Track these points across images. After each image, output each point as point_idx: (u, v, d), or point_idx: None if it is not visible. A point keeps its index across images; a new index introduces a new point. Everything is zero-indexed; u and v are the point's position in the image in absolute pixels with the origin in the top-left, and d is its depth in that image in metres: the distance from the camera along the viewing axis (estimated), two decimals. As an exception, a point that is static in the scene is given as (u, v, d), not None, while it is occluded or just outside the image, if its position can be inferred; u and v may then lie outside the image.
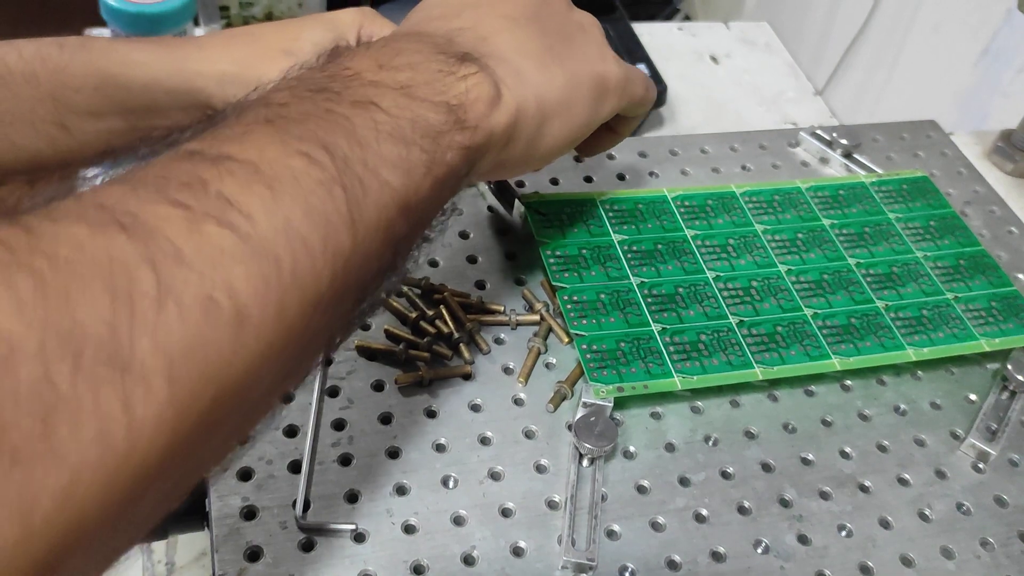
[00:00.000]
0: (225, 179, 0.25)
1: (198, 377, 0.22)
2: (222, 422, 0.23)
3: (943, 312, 0.49)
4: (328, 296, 0.26)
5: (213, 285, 0.22)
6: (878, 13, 1.08)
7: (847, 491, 0.43)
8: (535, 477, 0.41)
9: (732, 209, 0.52)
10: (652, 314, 0.46)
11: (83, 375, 0.19)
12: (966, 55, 0.94)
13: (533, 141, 0.37)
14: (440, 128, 0.32)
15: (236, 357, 0.23)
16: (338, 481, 0.40)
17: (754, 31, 1.02)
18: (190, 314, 0.22)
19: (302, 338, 0.25)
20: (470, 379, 0.45)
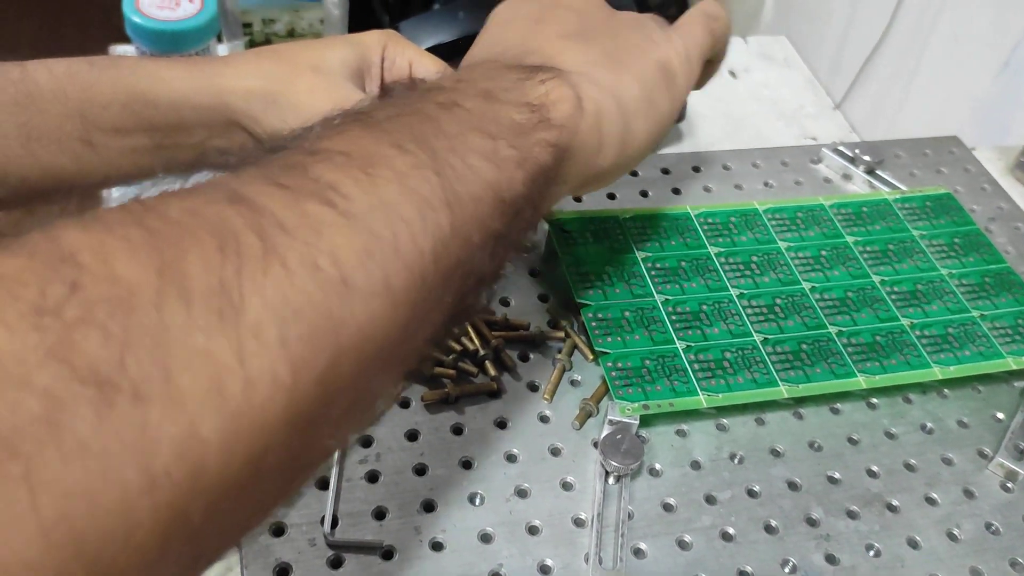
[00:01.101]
0: (321, 165, 0.25)
1: (309, 338, 0.22)
2: (338, 394, 0.23)
3: (969, 330, 0.49)
4: (432, 277, 0.26)
5: (317, 252, 0.23)
6: (896, 26, 1.08)
7: (875, 510, 0.43)
8: (561, 494, 0.41)
9: (755, 226, 0.52)
10: (676, 331, 0.46)
11: (196, 323, 0.19)
12: (986, 68, 0.93)
13: (624, 143, 0.37)
14: (525, 125, 0.32)
15: (346, 324, 0.23)
16: (366, 498, 0.40)
17: (772, 45, 1.02)
18: (297, 277, 0.22)
19: (409, 318, 0.25)
20: (496, 396, 0.45)
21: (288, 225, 0.22)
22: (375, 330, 0.24)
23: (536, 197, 0.32)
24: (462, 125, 0.30)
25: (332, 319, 0.22)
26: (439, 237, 0.26)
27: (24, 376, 0.17)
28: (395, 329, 0.25)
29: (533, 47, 0.38)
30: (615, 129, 0.37)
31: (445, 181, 0.27)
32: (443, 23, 0.79)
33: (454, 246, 0.27)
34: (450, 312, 0.29)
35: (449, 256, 0.27)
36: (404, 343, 0.26)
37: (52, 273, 0.18)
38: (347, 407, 0.24)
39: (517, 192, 0.30)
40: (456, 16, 0.80)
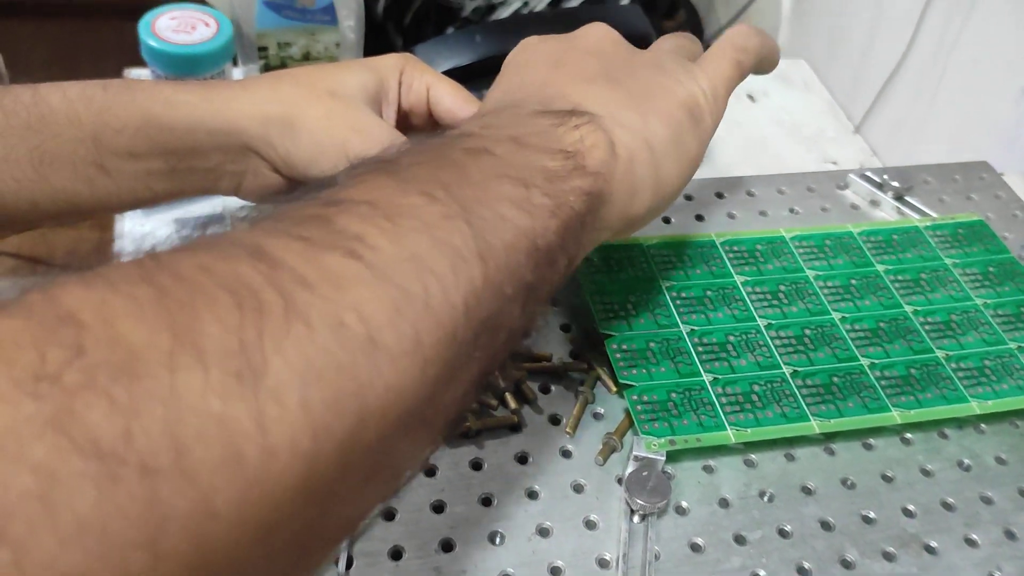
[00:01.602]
0: (344, 215, 0.24)
1: (333, 402, 0.20)
2: (360, 461, 0.22)
3: (1007, 363, 0.47)
4: (463, 332, 0.25)
5: (342, 308, 0.21)
6: (915, 48, 1.07)
7: (912, 552, 0.41)
8: (585, 534, 0.40)
9: (782, 254, 0.51)
10: (703, 363, 0.44)
11: (213, 388, 0.18)
12: (1007, 91, 0.92)
13: (657, 187, 0.36)
14: (559, 172, 0.31)
15: (372, 386, 0.21)
16: (383, 537, 0.38)
17: (792, 69, 1.01)
18: (320, 335, 0.20)
19: (438, 378, 0.24)
20: (517, 430, 0.43)
21: (310, 280, 0.21)
22: (403, 391, 0.22)
23: (571, 246, 0.31)
24: (492, 172, 0.28)
25: (358, 381, 0.21)
26: (471, 290, 0.25)
27: (17, 450, 0.15)
28: (424, 390, 0.23)
29: (555, 92, 0.36)
30: (648, 173, 0.36)
31: (477, 231, 0.26)
32: (458, 47, 0.78)
33: (486, 299, 0.26)
34: (481, 371, 0.27)
35: (481, 310, 0.25)
36: (432, 404, 0.24)
37: (51, 335, 0.17)
38: (368, 474, 0.22)
39: (551, 241, 0.29)
40: (472, 40, 0.79)
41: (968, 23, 1.01)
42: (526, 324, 0.29)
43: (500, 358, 0.29)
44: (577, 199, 0.31)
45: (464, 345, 0.25)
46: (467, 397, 0.27)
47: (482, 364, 0.27)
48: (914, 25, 1.07)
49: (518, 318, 0.28)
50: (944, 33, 1.04)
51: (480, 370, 0.27)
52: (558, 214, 0.30)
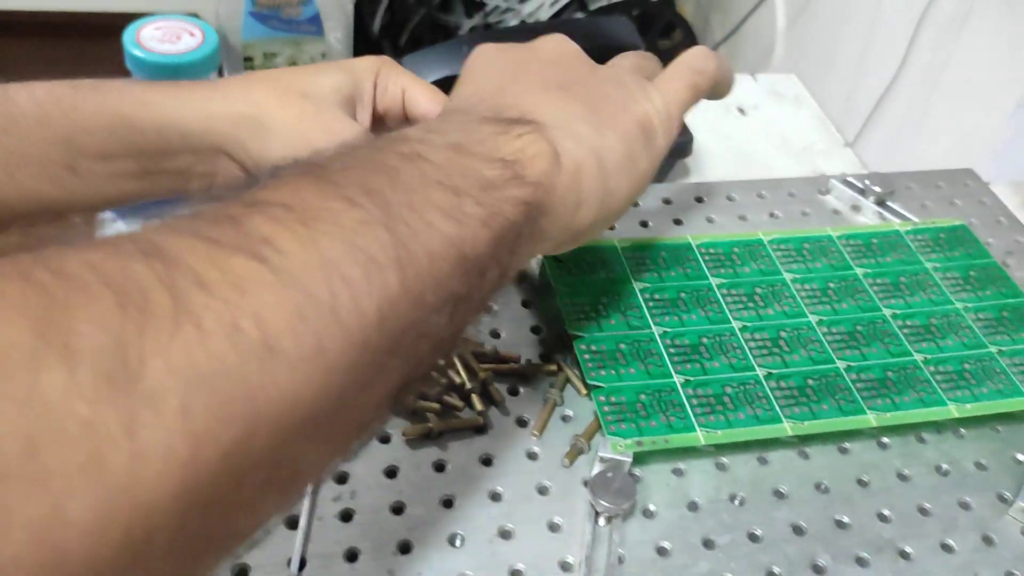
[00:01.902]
0: (257, 217, 0.23)
1: (219, 408, 0.19)
2: (253, 469, 0.21)
3: (987, 366, 0.46)
4: (376, 341, 0.24)
5: (239, 312, 0.20)
6: (908, 66, 1.06)
7: (886, 557, 0.40)
8: (548, 536, 0.39)
9: (759, 257, 0.50)
10: (674, 365, 0.43)
11: (78, 389, 0.17)
12: (998, 107, 0.91)
13: (604, 201, 0.36)
14: (495, 181, 0.30)
15: (266, 392, 0.21)
16: (338, 538, 0.37)
17: (783, 83, 1.01)
18: (211, 339, 0.20)
19: (346, 385, 0.23)
20: (482, 432, 0.42)
21: (208, 281, 0.20)
22: (302, 399, 0.21)
23: (504, 256, 0.30)
24: (424, 178, 0.28)
25: (248, 386, 0.20)
26: (386, 297, 0.24)
27: None
28: (328, 397, 0.23)
29: (509, 101, 0.36)
30: (595, 186, 0.35)
31: (397, 238, 0.25)
32: (447, 57, 0.78)
33: (404, 307, 0.25)
34: (402, 379, 0.26)
35: (398, 318, 0.25)
36: (341, 412, 0.24)
37: None
38: (264, 483, 0.22)
39: (481, 252, 0.28)
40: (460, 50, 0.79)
41: (959, 41, 1.01)
42: (454, 333, 0.29)
43: (426, 367, 0.28)
44: (513, 209, 0.30)
45: (379, 353, 0.24)
46: (385, 405, 0.27)
47: (403, 373, 0.26)
48: (907, 42, 1.07)
49: (444, 327, 0.27)
50: (936, 51, 1.03)
51: (401, 378, 0.26)
52: (491, 224, 0.29)
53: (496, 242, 0.29)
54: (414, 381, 0.28)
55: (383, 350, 0.24)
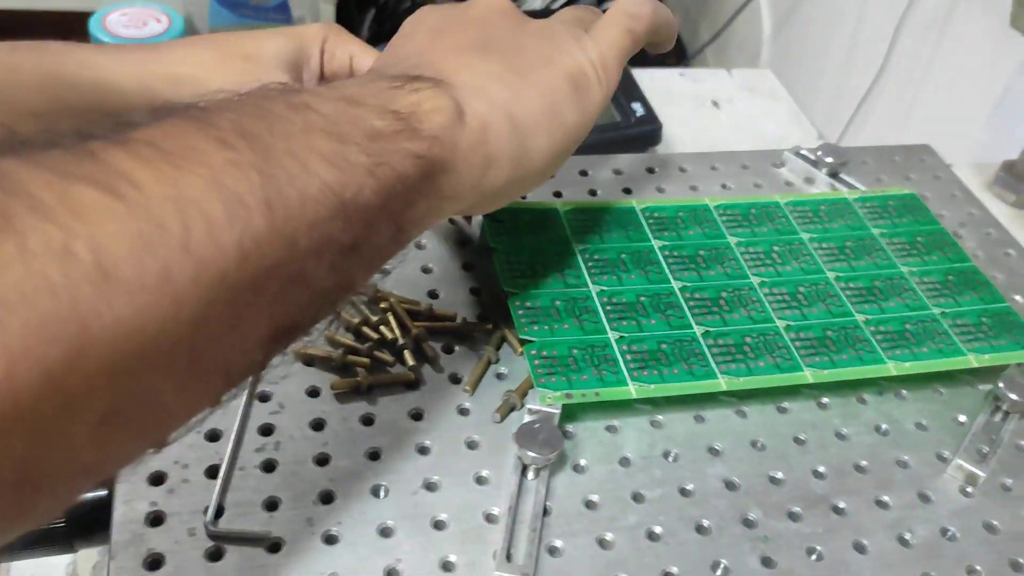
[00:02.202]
0: (119, 153, 0.22)
1: (40, 326, 0.19)
2: (88, 395, 0.20)
3: (928, 327, 0.46)
4: (236, 277, 0.23)
5: (73, 236, 0.20)
6: (889, 67, 1.07)
7: (819, 512, 0.39)
8: (474, 489, 0.38)
9: (704, 222, 0.50)
10: (610, 322, 0.43)
11: None
12: (980, 108, 0.91)
13: (519, 160, 0.35)
14: (384, 132, 0.29)
15: (100, 317, 0.20)
16: (258, 488, 0.37)
17: (757, 78, 1.00)
18: (36, 260, 0.19)
19: (201, 318, 0.23)
20: (414, 387, 0.42)
21: (44, 207, 0.20)
22: (144, 326, 0.21)
23: (397, 209, 0.30)
24: (308, 126, 0.27)
25: (77, 308, 0.20)
26: (250, 235, 0.24)
27: None
28: (179, 328, 0.22)
29: (427, 60, 0.36)
30: (507, 146, 0.34)
31: (268, 179, 0.25)
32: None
33: (272, 247, 0.24)
34: (274, 325, 0.26)
35: (264, 257, 0.24)
36: (200, 350, 0.23)
37: None
38: (108, 415, 0.21)
39: (367, 201, 0.28)
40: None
41: (940, 44, 1.01)
42: (337, 284, 0.28)
43: (306, 317, 0.27)
44: (404, 161, 0.29)
45: (240, 291, 0.24)
46: (261, 351, 0.26)
47: (275, 318, 0.26)
48: (887, 45, 1.07)
49: (325, 277, 0.27)
50: (917, 53, 1.04)
51: (276, 325, 0.26)
52: (377, 174, 0.28)
53: (385, 194, 0.28)
54: (293, 331, 0.27)
55: (245, 288, 0.24)
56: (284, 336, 0.27)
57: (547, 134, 0.36)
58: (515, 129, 0.35)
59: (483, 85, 0.35)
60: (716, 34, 1.45)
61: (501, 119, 0.34)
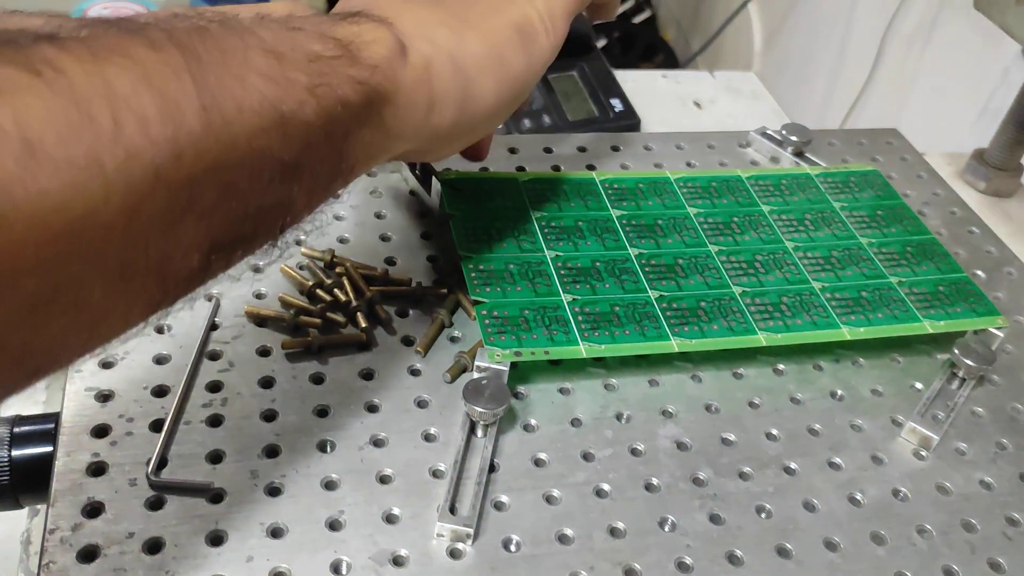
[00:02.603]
0: (44, 45, 0.22)
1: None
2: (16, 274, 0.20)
3: (885, 295, 0.46)
4: (171, 175, 0.23)
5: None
6: (876, 76, 1.07)
7: (770, 472, 0.39)
8: (422, 446, 0.38)
9: (664, 193, 0.50)
10: (564, 286, 0.43)
11: None
12: (965, 115, 0.92)
13: (465, 102, 0.35)
14: (323, 54, 0.29)
15: (24, 186, 0.20)
16: (203, 441, 0.37)
17: (739, 79, 1.01)
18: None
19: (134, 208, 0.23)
20: (367, 349, 0.42)
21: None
22: (69, 204, 0.21)
23: (338, 136, 0.30)
24: (245, 44, 0.27)
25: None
26: (184, 135, 0.24)
27: None
28: (110, 216, 0.22)
29: (373, 4, 0.35)
30: (451, 87, 0.35)
31: (203, 86, 0.25)
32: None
33: (208, 150, 0.25)
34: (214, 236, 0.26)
35: (200, 158, 0.24)
36: (132, 243, 0.23)
37: None
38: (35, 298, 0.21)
39: (307, 119, 0.28)
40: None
41: (925, 52, 1.01)
42: (277, 202, 0.28)
43: (246, 233, 0.27)
44: (345, 86, 0.30)
45: (176, 190, 0.24)
46: (198, 261, 0.26)
47: (215, 230, 0.26)
48: (874, 56, 1.07)
49: (263, 192, 0.27)
50: (904, 63, 1.04)
51: (213, 236, 0.26)
52: (318, 94, 0.28)
53: (325, 115, 0.28)
54: (231, 247, 0.27)
55: (181, 187, 0.24)
56: (222, 251, 0.27)
57: (493, 78, 0.36)
58: (459, 71, 0.35)
59: (427, 30, 0.35)
60: (707, 43, 1.45)
61: (444, 60, 0.34)
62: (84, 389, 0.38)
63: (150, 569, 0.32)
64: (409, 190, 0.51)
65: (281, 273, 0.44)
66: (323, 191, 0.30)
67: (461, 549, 0.34)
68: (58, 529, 0.33)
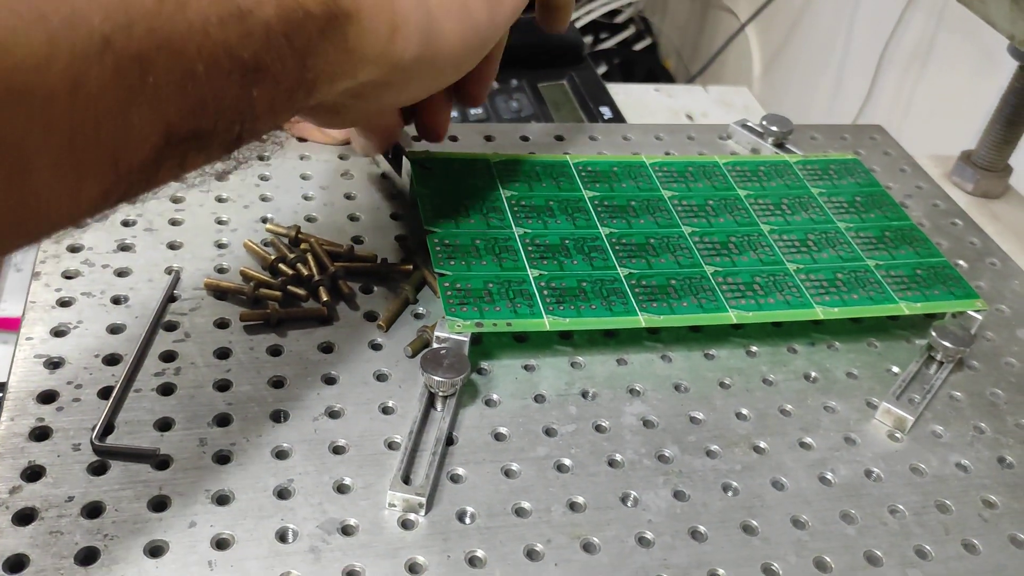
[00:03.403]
0: None
1: None
2: None
3: (860, 276, 0.45)
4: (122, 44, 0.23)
5: None
6: (874, 98, 1.07)
7: (738, 451, 0.38)
8: (379, 418, 0.37)
9: (639, 176, 0.49)
10: (531, 262, 0.42)
11: None
12: (963, 135, 0.91)
13: (429, 37, 0.35)
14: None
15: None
16: (152, 409, 0.36)
17: (732, 94, 1.01)
18: None
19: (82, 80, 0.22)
20: (328, 323, 0.41)
21: None
22: (11, 49, 0.21)
23: (300, 47, 0.29)
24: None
25: None
26: (135, 5, 0.23)
27: None
28: (55, 78, 0.22)
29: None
30: (415, 15, 0.34)
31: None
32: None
33: (161, 28, 0.24)
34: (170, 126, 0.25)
35: (151, 34, 0.24)
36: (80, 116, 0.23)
37: None
38: None
39: (267, 19, 0.27)
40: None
41: (921, 76, 1.01)
42: (240, 108, 0.27)
43: (203, 129, 0.26)
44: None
45: (127, 62, 0.23)
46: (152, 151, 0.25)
47: (171, 119, 0.25)
48: (871, 79, 1.07)
49: (222, 86, 0.26)
50: (901, 85, 1.04)
51: (169, 126, 0.25)
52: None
53: (286, 20, 0.28)
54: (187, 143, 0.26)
55: (131, 59, 0.23)
56: (178, 145, 0.26)
57: (456, 21, 0.36)
58: (421, 3, 0.34)
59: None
60: (706, 64, 1.45)
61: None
62: (33, 356, 0.37)
63: (87, 532, 0.31)
64: (380, 172, 0.50)
65: (245, 249, 0.43)
66: (284, 101, 0.30)
67: (413, 520, 0.33)
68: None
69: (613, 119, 0.84)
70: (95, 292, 0.40)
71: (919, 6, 1.00)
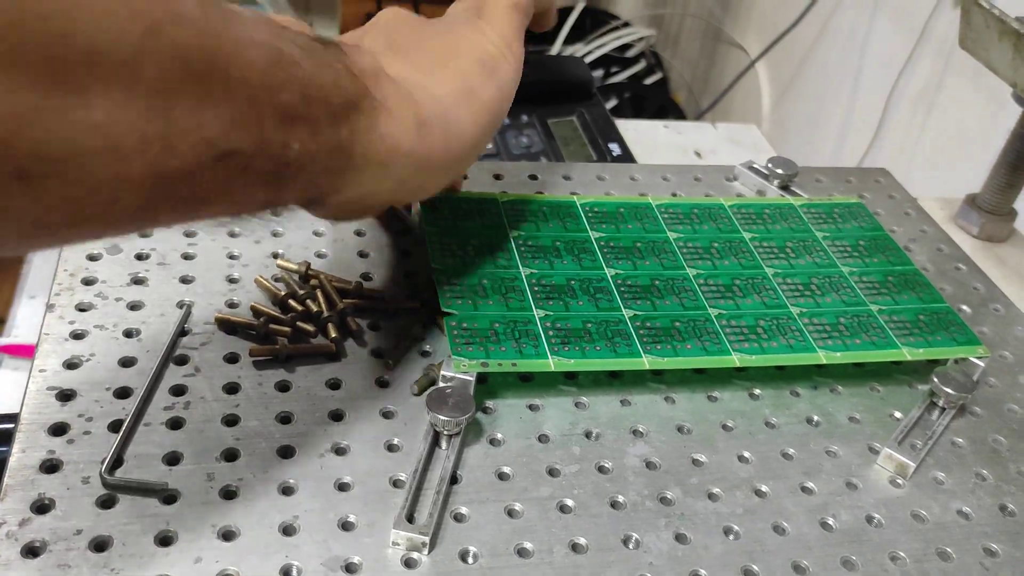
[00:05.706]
0: None
1: None
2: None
3: (863, 321, 0.45)
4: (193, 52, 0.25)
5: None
6: (881, 137, 1.08)
7: (740, 494, 0.38)
8: (384, 455, 0.37)
9: (645, 217, 0.50)
10: (537, 302, 0.42)
11: None
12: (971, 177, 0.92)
13: (449, 132, 0.36)
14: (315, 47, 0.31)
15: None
16: (161, 443, 0.36)
17: (741, 132, 1.01)
18: None
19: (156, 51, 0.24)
20: (336, 360, 0.41)
21: None
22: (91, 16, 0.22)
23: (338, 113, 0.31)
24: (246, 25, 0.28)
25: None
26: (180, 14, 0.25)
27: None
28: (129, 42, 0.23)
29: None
30: (434, 113, 0.36)
31: (204, 9, 0.25)
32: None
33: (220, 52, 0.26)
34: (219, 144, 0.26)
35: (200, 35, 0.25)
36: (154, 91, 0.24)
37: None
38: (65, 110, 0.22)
39: (308, 74, 0.29)
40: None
41: (930, 115, 1.02)
42: (276, 144, 0.28)
43: (243, 147, 0.27)
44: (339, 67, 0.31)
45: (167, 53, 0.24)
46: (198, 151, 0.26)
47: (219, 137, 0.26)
48: (879, 117, 1.08)
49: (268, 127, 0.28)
50: (908, 126, 1.05)
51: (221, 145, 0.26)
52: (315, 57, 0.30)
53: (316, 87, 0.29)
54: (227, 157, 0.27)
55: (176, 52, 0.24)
56: (220, 159, 0.27)
57: (468, 110, 0.38)
58: (436, 101, 0.36)
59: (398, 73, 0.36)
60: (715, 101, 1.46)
61: (421, 92, 0.36)
62: (46, 388, 0.37)
63: (95, 566, 0.31)
64: (389, 209, 0.51)
65: (256, 284, 0.44)
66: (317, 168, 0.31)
67: (416, 558, 0.34)
68: (5, 524, 0.32)
69: (622, 155, 0.85)
70: (108, 325, 0.41)
71: (927, 48, 1.01)
